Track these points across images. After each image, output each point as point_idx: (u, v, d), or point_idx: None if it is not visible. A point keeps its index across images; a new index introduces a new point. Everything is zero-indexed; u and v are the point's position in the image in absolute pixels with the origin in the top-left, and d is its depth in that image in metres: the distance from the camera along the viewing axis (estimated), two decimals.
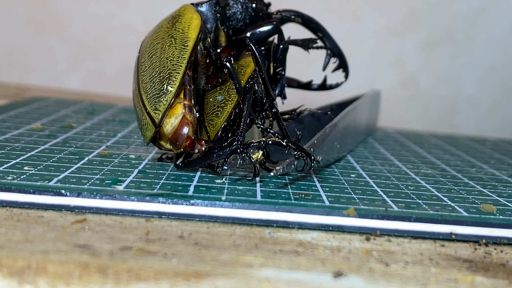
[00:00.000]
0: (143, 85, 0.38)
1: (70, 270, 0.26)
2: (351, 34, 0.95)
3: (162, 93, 0.37)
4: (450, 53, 0.96)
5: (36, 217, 0.31)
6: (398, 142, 0.59)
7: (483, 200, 0.39)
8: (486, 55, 0.96)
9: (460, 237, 0.34)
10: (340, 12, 0.94)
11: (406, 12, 0.95)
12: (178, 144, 0.37)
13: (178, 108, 0.37)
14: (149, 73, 0.38)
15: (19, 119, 0.53)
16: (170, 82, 0.37)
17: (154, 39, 0.39)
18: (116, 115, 0.59)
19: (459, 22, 0.95)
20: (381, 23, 0.95)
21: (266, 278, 0.27)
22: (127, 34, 0.93)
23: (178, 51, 0.38)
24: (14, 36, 0.93)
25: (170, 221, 0.33)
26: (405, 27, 0.95)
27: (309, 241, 0.32)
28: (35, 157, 0.39)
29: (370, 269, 0.29)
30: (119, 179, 0.36)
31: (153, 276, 0.26)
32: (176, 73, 0.37)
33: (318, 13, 0.94)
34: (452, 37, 0.96)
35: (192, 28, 0.39)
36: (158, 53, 0.38)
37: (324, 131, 0.42)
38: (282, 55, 0.43)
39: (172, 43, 0.38)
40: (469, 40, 0.96)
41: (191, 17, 0.39)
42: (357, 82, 0.91)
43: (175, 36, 0.39)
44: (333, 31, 0.93)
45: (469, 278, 0.29)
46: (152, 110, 0.37)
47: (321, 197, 0.36)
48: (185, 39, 0.38)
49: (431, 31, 0.96)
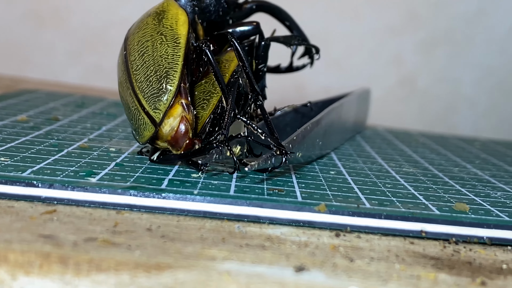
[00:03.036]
0: (138, 84, 0.38)
1: (31, 259, 0.26)
2: (350, 33, 0.95)
3: (161, 92, 0.37)
4: (449, 53, 0.96)
5: (6, 207, 0.32)
6: (386, 141, 0.59)
7: (458, 199, 0.39)
8: (484, 56, 0.96)
9: (430, 235, 0.34)
10: (340, 11, 0.94)
11: (405, 12, 0.95)
12: (179, 146, 0.37)
13: (178, 109, 0.37)
14: (143, 72, 0.38)
15: (6, 110, 0.53)
16: (168, 81, 0.37)
17: (142, 37, 0.39)
18: (104, 109, 0.59)
19: (458, 22, 0.95)
20: (381, 22, 0.95)
21: (227, 271, 0.27)
22: (126, 29, 0.92)
23: (171, 48, 0.38)
24: (14, 29, 0.93)
25: (141, 214, 0.33)
26: (405, 26, 0.95)
27: (278, 236, 0.32)
28: (14, 148, 0.40)
29: (333, 264, 0.29)
30: (94, 172, 0.36)
31: (113, 267, 0.26)
32: (174, 71, 0.37)
33: (318, 11, 0.94)
34: (451, 37, 0.96)
35: (181, 24, 0.39)
36: (149, 51, 0.38)
37: (304, 128, 0.42)
38: (264, 52, 0.43)
39: (163, 40, 0.38)
40: (468, 40, 0.96)
41: (177, 13, 0.40)
42: (356, 81, 0.91)
43: (164, 33, 0.39)
44: (333, 29, 0.94)
45: (432, 275, 0.29)
46: (151, 109, 0.37)
47: (295, 193, 0.36)
48: (176, 36, 0.38)
49: (430, 31, 0.96)
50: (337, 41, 0.94)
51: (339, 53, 0.94)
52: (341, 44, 0.94)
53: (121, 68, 0.39)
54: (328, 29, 0.93)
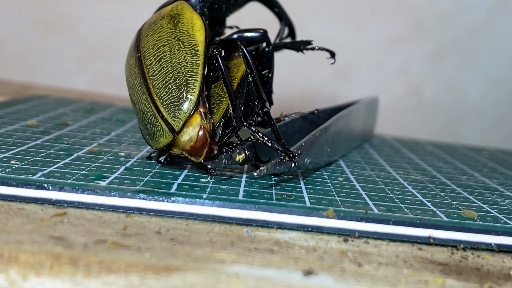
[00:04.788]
0: (155, 91, 0.38)
1: (42, 260, 0.26)
2: (357, 43, 0.95)
3: (181, 101, 0.37)
4: (456, 64, 0.96)
5: (17, 210, 0.32)
6: (393, 149, 0.59)
7: (466, 206, 0.39)
8: (491, 67, 0.96)
9: (438, 241, 0.34)
10: (347, 20, 0.94)
11: (412, 22, 0.95)
12: (199, 155, 0.38)
13: (197, 118, 0.37)
14: (161, 78, 0.38)
15: (16, 115, 0.53)
16: (189, 90, 0.37)
17: (158, 40, 0.39)
18: (114, 115, 0.60)
19: (466, 33, 0.95)
20: (388, 33, 0.95)
21: (236, 274, 0.27)
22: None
23: (190, 56, 0.38)
24: (23, 36, 0.93)
25: (150, 217, 0.33)
26: (412, 37, 0.95)
27: (286, 241, 0.32)
28: (24, 152, 0.40)
29: (342, 269, 0.29)
30: (104, 175, 0.36)
31: (123, 268, 0.27)
32: (194, 81, 0.37)
33: (325, 20, 0.94)
34: (458, 48, 0.96)
35: (197, 30, 0.39)
36: (167, 57, 0.38)
37: (313, 134, 0.42)
38: (267, 59, 0.44)
39: (181, 46, 0.38)
40: (475, 51, 0.96)
41: (192, 17, 0.40)
42: (362, 90, 0.91)
43: (181, 39, 0.39)
44: (339, 39, 0.94)
45: (440, 280, 0.29)
46: (170, 117, 0.37)
47: (303, 199, 0.36)
48: (193, 43, 0.38)
49: (438, 42, 0.96)
50: (343, 51, 0.94)
51: (345, 63, 0.94)
52: (348, 53, 0.94)
53: (133, 71, 0.39)
54: (334, 39, 0.93)
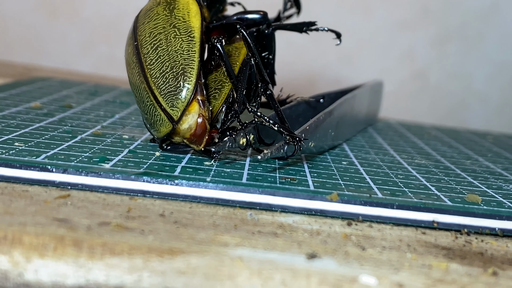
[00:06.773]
0: (153, 80, 0.37)
1: (46, 242, 0.26)
2: (362, 28, 0.95)
3: (179, 90, 0.37)
4: (461, 49, 0.96)
5: (21, 191, 0.32)
6: (398, 133, 0.59)
7: (470, 191, 0.39)
8: (497, 52, 0.96)
9: (442, 225, 0.34)
10: (352, 5, 0.94)
11: (418, 7, 0.94)
12: (200, 142, 0.38)
13: (195, 106, 0.37)
14: (158, 67, 0.37)
15: (20, 97, 0.53)
16: (186, 79, 0.37)
17: (154, 28, 0.39)
18: (117, 97, 0.60)
19: (471, 18, 0.95)
20: (393, 17, 0.95)
21: (239, 257, 0.27)
22: None
23: (186, 43, 0.38)
24: (27, 18, 0.93)
25: (154, 200, 0.33)
26: (417, 21, 0.95)
27: (290, 224, 0.32)
28: (28, 134, 0.40)
29: (345, 252, 0.29)
30: (107, 158, 0.36)
31: (127, 251, 0.26)
32: (191, 69, 0.37)
33: (330, 6, 0.94)
34: (464, 33, 0.96)
35: (193, 16, 0.39)
36: (163, 45, 0.38)
37: (317, 118, 0.42)
38: (268, 41, 0.43)
39: (176, 34, 0.38)
40: (480, 36, 0.96)
41: (187, 2, 0.39)
42: (367, 74, 0.91)
43: (177, 25, 0.38)
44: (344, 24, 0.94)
45: (444, 264, 0.29)
46: (168, 107, 0.37)
47: (307, 182, 0.36)
48: (189, 30, 0.38)
49: (443, 26, 0.95)
50: (348, 36, 0.93)
51: (350, 48, 0.94)
52: (353, 38, 0.94)
53: (132, 60, 0.39)
54: (339, 24, 0.92)
